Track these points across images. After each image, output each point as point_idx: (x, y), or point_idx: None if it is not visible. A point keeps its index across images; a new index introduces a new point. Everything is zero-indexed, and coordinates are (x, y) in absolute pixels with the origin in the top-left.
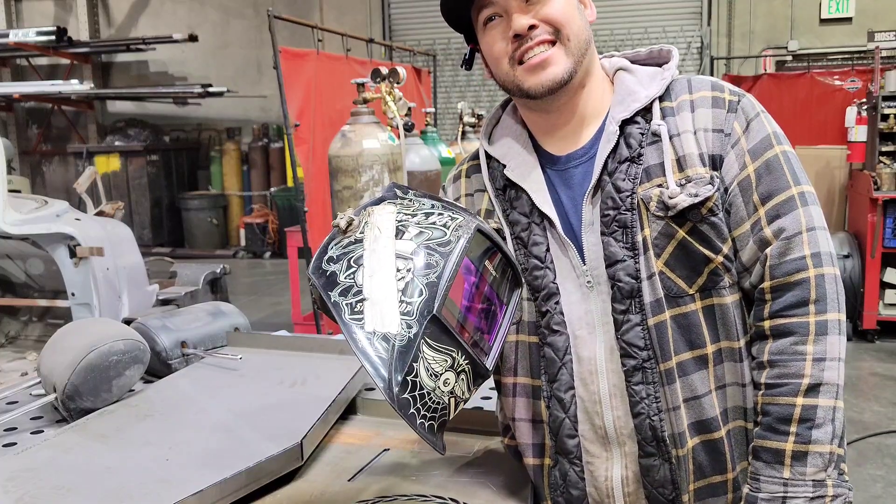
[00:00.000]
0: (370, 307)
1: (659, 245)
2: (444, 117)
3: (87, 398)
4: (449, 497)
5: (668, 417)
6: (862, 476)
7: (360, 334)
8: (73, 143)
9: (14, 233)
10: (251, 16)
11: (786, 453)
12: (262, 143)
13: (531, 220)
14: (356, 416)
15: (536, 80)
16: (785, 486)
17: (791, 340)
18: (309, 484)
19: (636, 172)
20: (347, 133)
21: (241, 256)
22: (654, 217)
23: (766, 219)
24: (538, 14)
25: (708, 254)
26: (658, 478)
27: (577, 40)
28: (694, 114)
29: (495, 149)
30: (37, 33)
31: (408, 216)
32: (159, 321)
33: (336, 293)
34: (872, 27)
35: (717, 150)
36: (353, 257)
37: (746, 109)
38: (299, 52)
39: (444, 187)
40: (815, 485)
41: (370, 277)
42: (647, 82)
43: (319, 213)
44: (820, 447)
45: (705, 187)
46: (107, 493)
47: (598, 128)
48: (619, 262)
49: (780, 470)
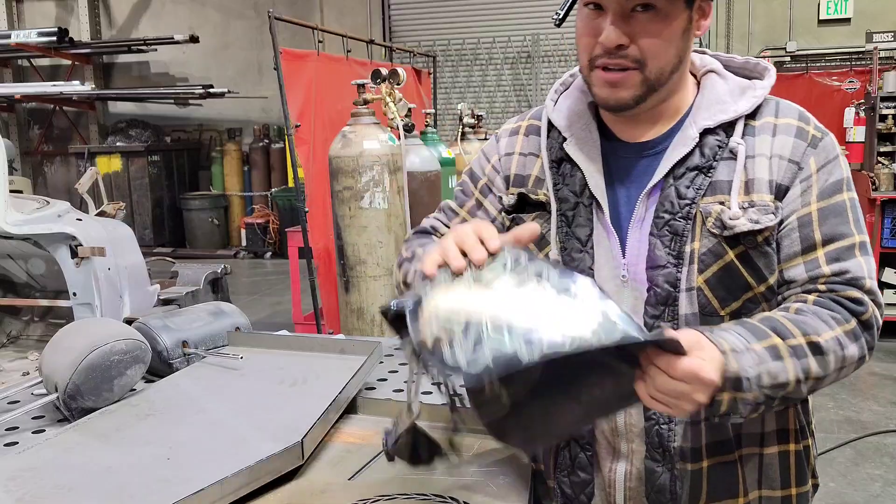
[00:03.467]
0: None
1: (705, 261)
2: (444, 118)
3: (89, 397)
4: (449, 497)
5: (684, 430)
6: (860, 475)
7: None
8: (75, 143)
9: (16, 233)
10: (252, 17)
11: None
12: (262, 144)
13: (580, 200)
14: (356, 415)
15: (605, 93)
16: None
17: (830, 309)
18: (309, 483)
19: (702, 183)
20: (348, 134)
21: (242, 256)
22: (708, 232)
23: (825, 259)
24: (635, 35)
25: (751, 282)
26: (658, 484)
27: (661, 74)
28: (774, 138)
29: (559, 117)
30: (38, 34)
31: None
32: (160, 321)
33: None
34: (871, 28)
35: (785, 180)
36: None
37: (827, 149)
38: (300, 53)
39: (498, 136)
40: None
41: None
42: (737, 94)
43: (320, 214)
44: (762, 370)
45: (768, 216)
46: (108, 493)
47: (672, 125)
48: (661, 267)
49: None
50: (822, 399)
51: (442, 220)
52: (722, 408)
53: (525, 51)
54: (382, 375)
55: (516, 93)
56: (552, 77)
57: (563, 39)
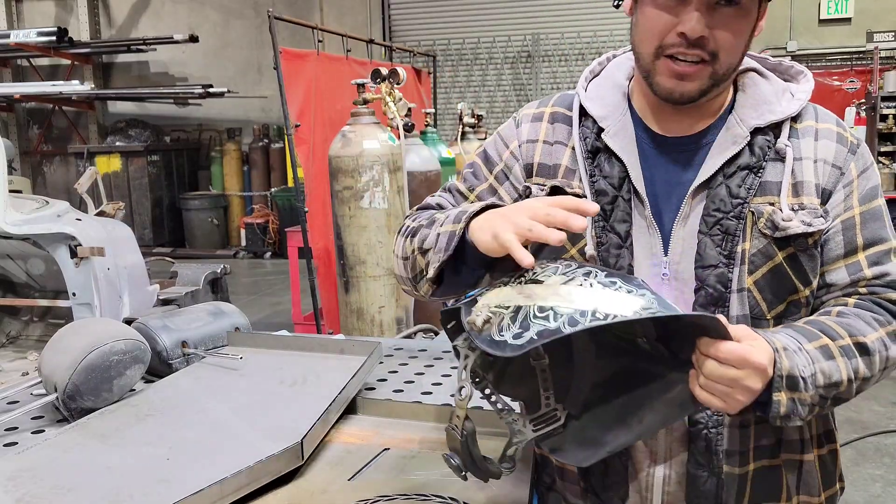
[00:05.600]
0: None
1: (755, 262)
2: (444, 118)
3: (88, 398)
4: (449, 497)
5: (732, 433)
6: (861, 475)
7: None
8: (74, 143)
9: (15, 233)
10: (251, 16)
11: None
12: (262, 144)
13: (619, 194)
14: (356, 415)
15: (670, 85)
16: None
17: (872, 311)
18: (309, 483)
19: (753, 183)
20: (348, 133)
21: (241, 256)
22: (759, 233)
23: (866, 262)
24: (714, 28)
25: (798, 284)
26: (703, 489)
27: (729, 69)
28: (817, 143)
29: (594, 106)
30: (37, 34)
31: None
32: (160, 321)
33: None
34: (871, 28)
35: (830, 185)
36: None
37: (865, 156)
38: (300, 53)
39: (518, 121)
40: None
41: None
42: (780, 94)
43: (319, 214)
44: (817, 369)
45: (818, 219)
46: (107, 493)
47: (713, 121)
48: (713, 266)
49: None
50: None
51: (448, 200)
52: (781, 409)
53: (525, 50)
54: (382, 376)
55: (516, 92)
56: (552, 77)
57: (563, 39)
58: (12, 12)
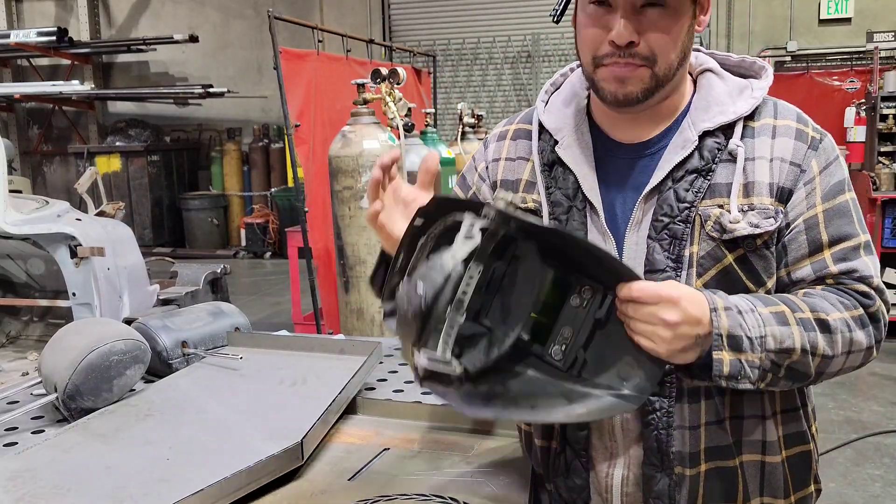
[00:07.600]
0: None
1: (703, 265)
2: (444, 118)
3: (88, 398)
4: (449, 497)
5: (683, 435)
6: (861, 475)
7: None
8: (74, 143)
9: (15, 233)
10: (251, 16)
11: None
12: (262, 144)
13: (573, 204)
14: (356, 415)
15: (613, 88)
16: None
17: (838, 296)
18: (309, 483)
19: (701, 186)
20: (348, 133)
21: (241, 256)
22: (707, 236)
23: (832, 259)
24: (643, 32)
25: (750, 286)
26: (656, 489)
27: (668, 70)
28: (774, 140)
29: (550, 119)
30: (37, 34)
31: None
32: (160, 321)
33: None
34: (871, 28)
35: (788, 183)
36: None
37: (828, 150)
38: (300, 53)
39: (486, 143)
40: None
41: None
42: (735, 95)
43: (319, 214)
44: (767, 334)
45: (767, 220)
46: (107, 493)
47: (669, 125)
48: (660, 271)
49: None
50: (822, 399)
51: None
52: (724, 368)
53: (525, 50)
54: (382, 376)
55: (516, 92)
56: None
57: (563, 39)
58: (12, 12)
